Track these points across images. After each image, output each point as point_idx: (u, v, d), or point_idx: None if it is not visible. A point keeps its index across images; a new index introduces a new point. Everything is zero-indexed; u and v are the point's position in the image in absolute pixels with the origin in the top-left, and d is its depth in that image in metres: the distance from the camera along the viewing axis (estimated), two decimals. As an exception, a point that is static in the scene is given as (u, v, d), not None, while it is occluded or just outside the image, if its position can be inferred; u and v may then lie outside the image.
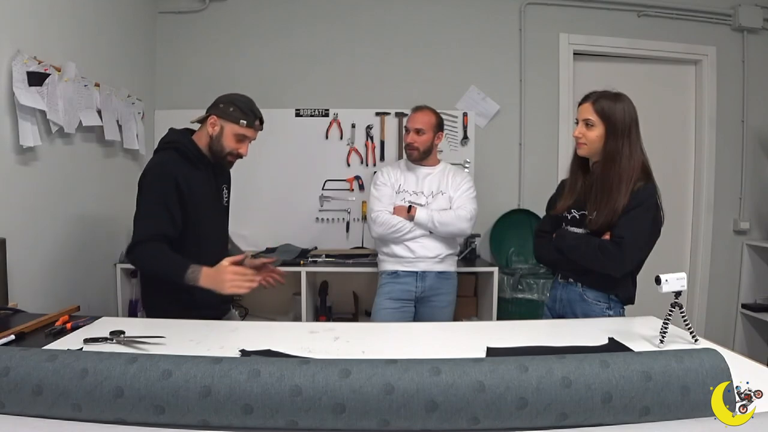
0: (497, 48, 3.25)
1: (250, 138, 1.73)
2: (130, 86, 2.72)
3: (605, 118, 1.57)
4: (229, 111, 1.67)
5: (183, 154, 1.66)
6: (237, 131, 1.68)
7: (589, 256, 1.57)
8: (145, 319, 2.64)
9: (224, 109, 1.67)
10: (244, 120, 1.68)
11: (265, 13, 3.21)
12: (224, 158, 1.72)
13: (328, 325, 1.49)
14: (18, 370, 0.80)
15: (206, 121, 1.70)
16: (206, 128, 1.70)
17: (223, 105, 1.68)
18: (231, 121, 1.67)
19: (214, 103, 1.71)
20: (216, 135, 1.68)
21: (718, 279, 3.37)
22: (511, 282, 2.85)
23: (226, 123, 1.67)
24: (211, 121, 1.68)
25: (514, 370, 0.79)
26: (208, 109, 1.72)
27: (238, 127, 1.68)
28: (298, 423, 0.77)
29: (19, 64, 1.84)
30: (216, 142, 1.69)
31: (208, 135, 1.69)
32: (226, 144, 1.69)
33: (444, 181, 2.30)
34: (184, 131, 1.75)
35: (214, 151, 1.70)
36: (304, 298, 2.75)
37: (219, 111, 1.68)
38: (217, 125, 1.68)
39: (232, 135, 1.68)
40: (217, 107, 1.69)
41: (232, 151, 1.71)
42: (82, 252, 2.35)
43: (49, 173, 2.07)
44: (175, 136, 1.71)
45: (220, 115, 1.67)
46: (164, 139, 1.71)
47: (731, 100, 3.33)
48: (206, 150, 1.71)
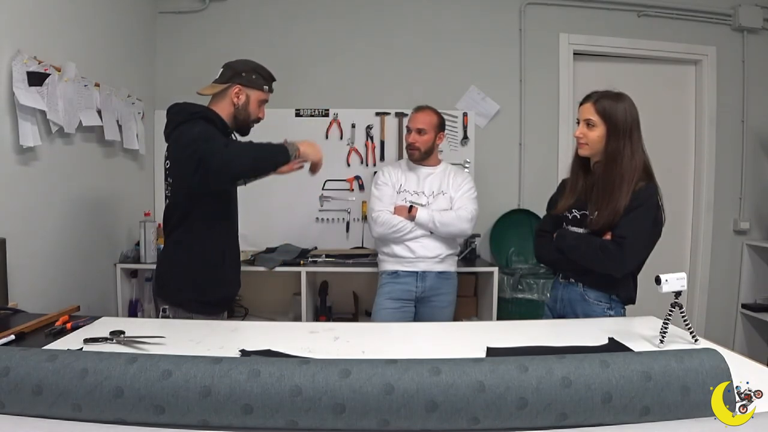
0: (497, 48, 3.25)
1: (267, 101, 1.79)
2: (130, 86, 2.72)
3: (606, 118, 1.57)
4: (252, 78, 1.71)
5: (213, 124, 1.65)
6: (261, 97, 1.74)
7: (590, 256, 1.57)
8: (144, 319, 2.66)
9: (247, 77, 1.70)
10: (266, 86, 1.75)
11: (265, 13, 3.21)
12: (249, 124, 1.76)
13: (328, 325, 1.49)
14: (18, 370, 0.80)
15: (227, 91, 1.70)
16: (228, 98, 1.70)
17: (245, 74, 1.70)
18: (256, 88, 1.72)
19: (234, 72, 1.70)
20: (242, 104, 1.70)
21: (718, 279, 3.37)
22: (511, 282, 2.85)
23: (252, 91, 1.72)
24: (236, 91, 1.69)
25: (514, 370, 0.79)
26: (226, 78, 1.70)
27: (263, 93, 1.74)
28: (298, 423, 0.77)
29: (19, 64, 1.84)
30: (243, 111, 1.72)
31: (232, 104, 1.70)
32: (252, 111, 1.73)
33: (445, 182, 2.30)
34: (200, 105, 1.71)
35: (240, 119, 1.72)
36: (304, 298, 2.75)
37: (243, 80, 1.70)
38: (243, 94, 1.70)
39: (257, 101, 1.73)
40: (240, 76, 1.70)
41: (257, 117, 1.75)
42: (82, 252, 2.35)
43: (49, 173, 2.07)
44: (199, 107, 1.68)
45: (245, 83, 1.70)
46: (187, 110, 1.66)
47: (731, 100, 3.33)
48: (228, 119, 1.72)
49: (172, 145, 1.67)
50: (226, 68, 1.73)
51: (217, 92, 1.72)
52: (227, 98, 1.70)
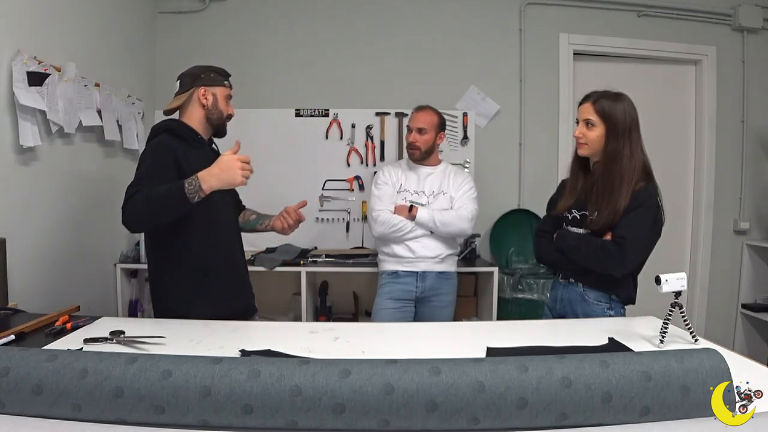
0: (497, 48, 3.25)
1: (231, 96, 1.78)
2: (130, 86, 2.72)
3: (606, 118, 1.57)
4: (211, 77, 1.71)
5: (177, 135, 1.64)
6: (226, 93, 1.74)
7: (590, 256, 1.57)
8: (144, 319, 2.66)
9: (207, 77, 1.70)
10: (226, 81, 1.75)
11: (265, 13, 3.21)
12: (224, 122, 1.75)
13: (328, 325, 1.49)
14: (18, 370, 0.80)
15: (192, 97, 1.69)
16: (197, 102, 1.69)
17: (204, 74, 1.70)
18: (218, 85, 1.72)
19: (194, 77, 1.70)
20: (212, 103, 1.70)
21: (718, 279, 3.37)
22: (511, 282, 2.85)
23: (216, 88, 1.71)
24: (202, 92, 1.69)
25: (514, 370, 0.79)
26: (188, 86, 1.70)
27: (225, 89, 1.74)
28: (298, 423, 0.77)
29: (19, 64, 1.84)
30: (214, 110, 1.71)
31: (202, 107, 1.69)
32: (222, 108, 1.72)
33: (445, 181, 2.30)
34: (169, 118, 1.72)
35: (214, 119, 1.72)
36: (304, 298, 2.75)
37: (204, 81, 1.70)
38: (209, 93, 1.69)
39: (224, 98, 1.73)
40: (200, 78, 1.70)
41: (228, 114, 1.75)
42: (82, 252, 2.35)
43: (49, 173, 2.07)
44: (162, 123, 1.69)
45: (208, 84, 1.70)
46: (152, 130, 1.68)
47: (731, 100, 3.33)
48: (201, 124, 1.70)
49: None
50: (183, 77, 1.72)
51: (183, 102, 1.71)
52: (195, 103, 1.69)
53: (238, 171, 1.44)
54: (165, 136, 1.63)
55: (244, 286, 1.82)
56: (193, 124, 1.69)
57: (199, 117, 1.70)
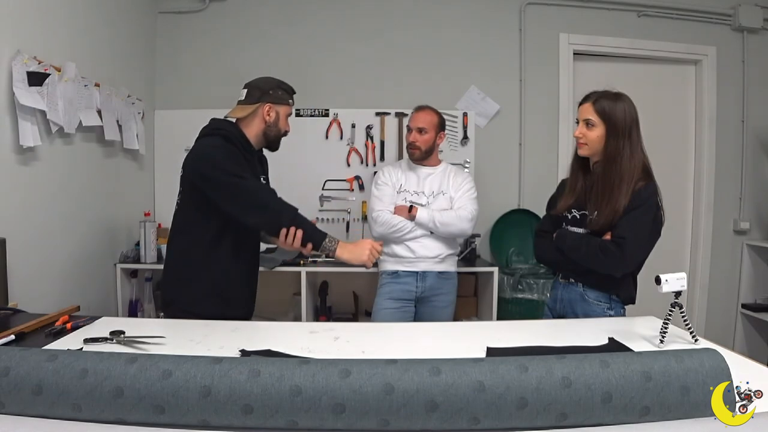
0: (497, 48, 3.25)
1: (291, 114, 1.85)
2: (130, 86, 2.72)
3: (606, 118, 1.57)
4: (279, 95, 1.76)
5: (230, 142, 1.67)
6: (288, 111, 1.81)
7: (589, 256, 1.57)
8: (144, 319, 2.66)
9: (275, 95, 1.75)
10: (291, 100, 1.81)
11: (264, 13, 3.21)
12: (280, 138, 1.81)
13: (328, 325, 1.49)
14: (18, 370, 0.80)
15: (257, 111, 1.73)
16: (260, 117, 1.74)
17: (272, 91, 1.75)
18: (283, 103, 1.77)
19: (262, 92, 1.74)
20: (273, 120, 1.75)
21: (718, 279, 3.37)
22: (511, 282, 2.85)
23: (280, 107, 1.77)
24: (267, 109, 1.73)
25: (514, 370, 0.79)
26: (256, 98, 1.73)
27: (289, 108, 1.81)
28: (298, 423, 0.77)
29: (19, 64, 1.84)
30: (274, 127, 1.76)
31: (264, 122, 1.74)
32: (282, 126, 1.79)
33: (445, 182, 2.30)
34: (227, 120, 1.76)
35: (272, 135, 1.77)
36: (304, 298, 2.75)
37: (272, 98, 1.74)
38: (273, 111, 1.75)
39: (285, 116, 1.80)
40: (268, 95, 1.74)
41: (286, 131, 1.82)
42: (82, 252, 2.35)
43: (49, 173, 2.08)
44: (222, 123, 1.73)
45: (274, 101, 1.74)
46: (210, 125, 1.73)
47: (731, 100, 3.33)
48: (257, 137, 1.75)
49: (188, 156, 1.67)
50: (252, 88, 1.75)
51: (248, 113, 1.74)
52: (258, 117, 1.74)
53: (366, 251, 1.62)
54: (218, 139, 1.65)
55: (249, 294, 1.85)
56: (249, 134, 1.74)
57: (258, 130, 1.75)
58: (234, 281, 1.73)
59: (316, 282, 3.03)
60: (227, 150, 1.63)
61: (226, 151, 1.62)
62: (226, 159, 1.60)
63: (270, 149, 1.85)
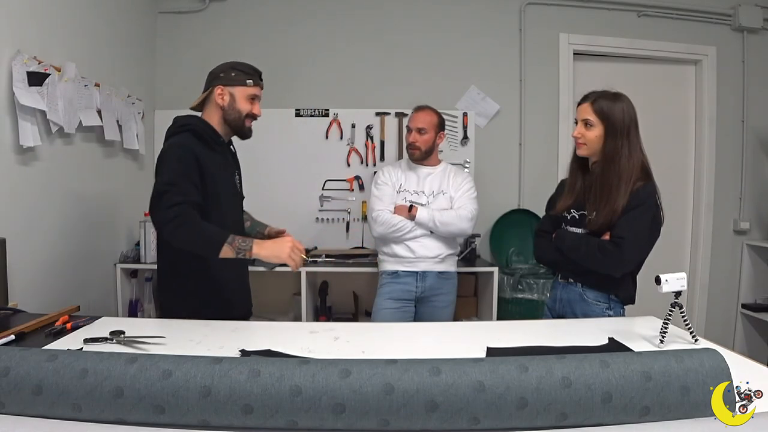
0: (497, 48, 3.25)
1: (259, 97, 1.72)
2: (130, 86, 2.72)
3: (604, 118, 1.57)
4: (232, 76, 1.66)
5: (199, 136, 1.62)
6: (248, 92, 1.68)
7: (588, 256, 1.57)
8: (144, 319, 2.66)
9: (226, 76, 1.66)
10: (249, 80, 1.68)
11: (265, 13, 3.21)
12: (243, 123, 1.69)
13: (328, 325, 1.49)
14: (18, 370, 0.80)
15: (211, 96, 1.67)
16: (214, 103, 1.66)
17: (223, 73, 1.66)
18: (238, 84, 1.66)
19: (213, 76, 1.68)
20: (228, 103, 1.66)
21: (718, 279, 3.37)
22: (511, 282, 2.85)
23: (234, 88, 1.66)
24: (219, 92, 1.65)
25: (514, 370, 0.79)
26: (208, 84, 1.69)
27: (247, 88, 1.67)
28: (298, 423, 0.77)
29: (19, 64, 1.84)
30: (231, 110, 1.66)
31: (219, 107, 1.66)
32: (242, 108, 1.67)
33: (445, 181, 2.30)
34: (193, 115, 1.71)
35: (231, 120, 1.67)
36: (304, 298, 2.75)
37: (222, 80, 1.66)
38: (226, 94, 1.66)
39: (244, 97, 1.67)
40: (218, 77, 1.66)
41: (249, 113, 1.69)
42: (82, 252, 2.35)
43: (49, 173, 2.07)
44: (188, 119, 1.66)
45: (226, 83, 1.66)
46: (177, 123, 1.66)
47: (731, 100, 3.33)
48: (220, 125, 1.68)
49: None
50: (208, 75, 1.70)
51: (204, 100, 1.69)
52: (213, 103, 1.67)
53: (287, 248, 1.48)
54: (187, 136, 1.60)
55: (246, 291, 1.83)
56: (213, 123, 1.67)
57: (218, 117, 1.68)
58: (229, 284, 1.68)
59: (316, 282, 3.03)
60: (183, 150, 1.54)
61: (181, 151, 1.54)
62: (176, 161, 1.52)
63: (240, 136, 1.74)
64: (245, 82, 1.67)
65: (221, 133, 1.69)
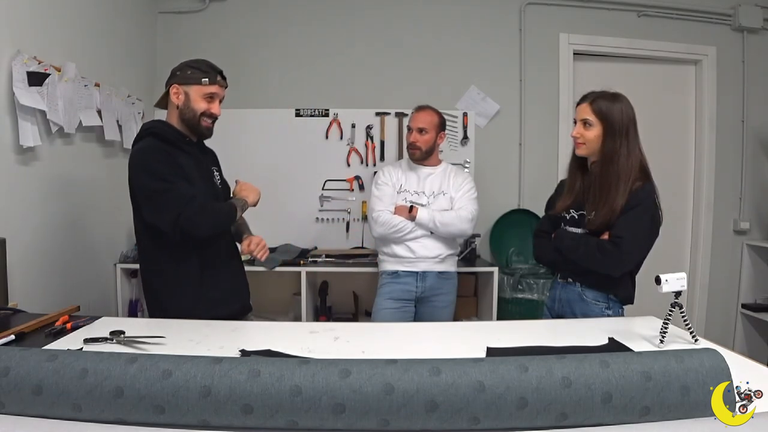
0: (497, 48, 3.25)
1: (218, 95, 1.67)
2: (130, 86, 2.72)
3: (603, 118, 1.57)
4: (187, 74, 1.63)
5: (163, 139, 1.59)
6: (204, 91, 1.63)
7: (587, 256, 1.57)
8: (145, 319, 2.65)
9: (182, 75, 1.63)
10: (205, 78, 1.63)
11: (265, 13, 3.21)
12: (198, 122, 1.64)
13: (328, 325, 1.49)
14: (18, 370, 0.80)
15: (168, 95, 1.64)
16: (172, 102, 1.64)
17: (179, 72, 1.64)
18: (193, 83, 1.62)
19: (171, 75, 1.67)
20: (183, 103, 1.63)
21: (718, 279, 3.37)
22: (511, 282, 2.85)
23: (189, 87, 1.63)
24: (174, 91, 1.62)
25: (514, 370, 0.79)
26: (166, 84, 1.67)
27: (202, 87, 1.63)
28: (298, 423, 0.77)
29: (19, 64, 1.84)
30: (186, 110, 1.63)
31: (176, 107, 1.63)
32: (196, 107, 1.63)
33: (445, 182, 2.30)
34: (157, 119, 1.70)
35: (187, 119, 1.64)
36: (304, 298, 2.75)
37: (177, 78, 1.63)
38: (181, 93, 1.62)
39: (200, 96, 1.63)
40: (174, 76, 1.64)
41: (205, 111, 1.64)
42: (82, 252, 2.35)
43: (49, 173, 2.07)
44: (150, 123, 1.65)
45: (180, 81, 1.62)
46: (141, 128, 1.65)
47: (731, 100, 3.33)
48: (180, 124, 1.65)
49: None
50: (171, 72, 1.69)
51: (163, 100, 1.68)
52: (171, 103, 1.65)
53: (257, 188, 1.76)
54: (149, 140, 1.58)
55: (239, 287, 1.79)
56: (174, 123, 1.65)
57: (176, 116, 1.65)
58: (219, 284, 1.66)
59: (316, 282, 3.03)
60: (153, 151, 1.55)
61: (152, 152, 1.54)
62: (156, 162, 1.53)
63: (198, 136, 1.70)
64: (200, 81, 1.63)
65: (184, 133, 1.66)
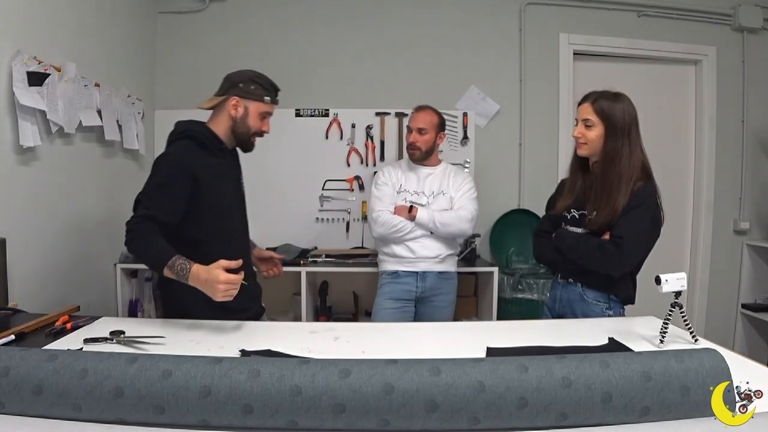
0: (497, 48, 3.25)
1: (271, 113, 1.67)
2: (130, 86, 2.72)
3: (605, 118, 1.57)
4: (251, 89, 1.60)
5: (200, 143, 1.57)
6: (262, 109, 1.63)
7: (588, 256, 1.57)
8: (144, 319, 2.66)
9: (245, 88, 1.60)
10: (267, 97, 1.62)
11: (265, 13, 3.21)
12: (248, 139, 1.65)
13: (328, 325, 1.49)
14: (18, 370, 0.80)
15: (224, 104, 1.61)
16: (226, 112, 1.60)
17: (243, 84, 1.60)
18: (255, 99, 1.61)
19: (231, 84, 1.62)
20: (240, 116, 1.60)
21: (718, 279, 3.37)
22: (511, 282, 2.85)
23: (250, 102, 1.60)
24: (233, 103, 1.59)
25: (514, 370, 0.79)
26: (224, 90, 1.63)
27: (263, 105, 1.62)
28: (298, 423, 0.77)
29: (19, 64, 1.84)
30: (241, 124, 1.61)
31: (230, 118, 1.60)
32: (252, 124, 1.62)
33: (445, 182, 2.30)
34: (195, 121, 1.66)
35: (239, 133, 1.62)
36: (304, 298, 2.75)
37: (240, 91, 1.60)
38: (240, 106, 1.60)
39: (257, 114, 1.62)
40: (236, 87, 1.60)
41: (257, 130, 1.65)
42: (82, 252, 2.35)
43: (49, 173, 2.07)
44: (189, 125, 1.61)
45: (243, 95, 1.60)
46: (177, 129, 1.61)
47: (731, 100, 3.33)
48: (227, 135, 1.63)
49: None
50: (225, 80, 1.64)
51: (216, 105, 1.64)
52: (225, 111, 1.61)
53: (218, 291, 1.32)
54: (186, 143, 1.56)
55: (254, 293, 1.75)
56: (219, 131, 1.62)
57: (226, 126, 1.62)
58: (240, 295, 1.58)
59: (316, 282, 3.03)
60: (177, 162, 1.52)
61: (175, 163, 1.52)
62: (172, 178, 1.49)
63: (242, 149, 1.70)
64: (263, 98, 1.61)
65: (225, 142, 1.64)
